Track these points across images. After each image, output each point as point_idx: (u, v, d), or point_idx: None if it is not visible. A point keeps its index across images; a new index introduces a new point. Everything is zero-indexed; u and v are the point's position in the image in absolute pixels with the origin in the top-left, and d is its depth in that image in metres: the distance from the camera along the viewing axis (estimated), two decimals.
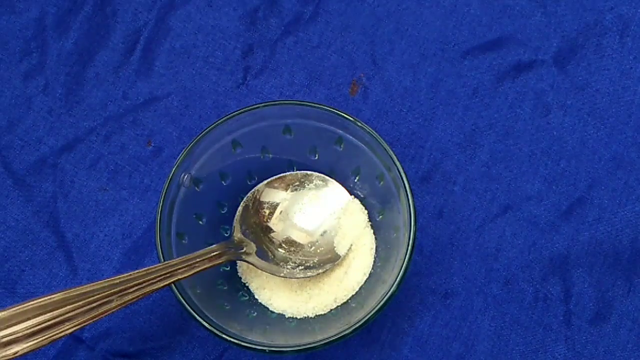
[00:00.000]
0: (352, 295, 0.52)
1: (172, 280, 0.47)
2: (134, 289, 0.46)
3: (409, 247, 0.48)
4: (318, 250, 0.53)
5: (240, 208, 0.53)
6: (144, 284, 0.46)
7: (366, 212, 0.54)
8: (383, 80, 0.58)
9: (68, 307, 0.45)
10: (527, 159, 0.57)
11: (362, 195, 0.54)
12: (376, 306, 0.47)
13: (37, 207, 0.56)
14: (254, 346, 0.47)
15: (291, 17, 0.60)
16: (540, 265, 0.55)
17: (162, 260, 0.48)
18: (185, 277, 0.47)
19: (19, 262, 0.56)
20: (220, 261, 0.50)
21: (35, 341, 0.44)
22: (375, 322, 0.53)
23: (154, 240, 0.49)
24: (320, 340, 0.47)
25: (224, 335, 0.47)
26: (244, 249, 0.52)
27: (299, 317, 0.52)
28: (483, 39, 0.59)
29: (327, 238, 0.53)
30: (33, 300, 0.45)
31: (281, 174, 0.54)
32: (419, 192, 0.56)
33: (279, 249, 0.53)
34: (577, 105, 0.58)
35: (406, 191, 0.49)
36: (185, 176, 0.51)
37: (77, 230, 0.56)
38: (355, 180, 0.54)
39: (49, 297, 0.45)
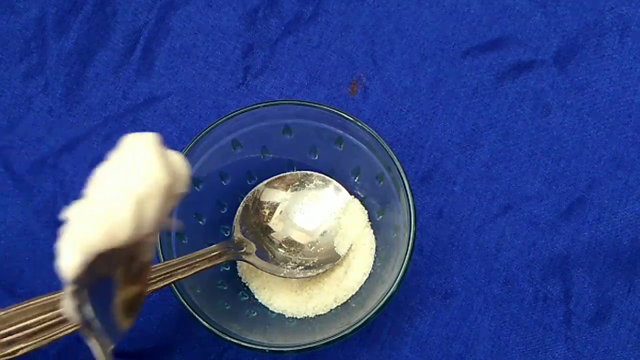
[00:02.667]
0: (352, 295, 0.52)
1: (172, 280, 0.47)
2: None
3: (409, 247, 0.48)
4: (318, 250, 0.53)
5: (240, 208, 0.53)
6: None
7: (366, 212, 0.54)
8: (383, 80, 0.58)
9: None
10: (527, 159, 0.57)
11: (362, 195, 0.54)
12: (376, 306, 0.47)
13: (37, 207, 0.56)
14: (254, 346, 0.47)
15: (291, 17, 0.60)
16: (540, 265, 0.55)
17: (162, 260, 0.48)
18: (185, 277, 0.47)
19: (19, 262, 0.56)
20: (220, 261, 0.50)
21: (35, 341, 0.44)
22: (375, 322, 0.53)
23: None
24: (320, 340, 0.47)
25: (224, 335, 0.47)
26: (244, 249, 0.52)
27: (299, 317, 0.52)
28: (483, 39, 0.59)
29: (327, 238, 0.53)
30: (33, 300, 0.45)
31: (281, 174, 0.54)
32: (419, 192, 0.56)
33: (279, 249, 0.53)
34: (577, 105, 0.58)
35: (406, 191, 0.49)
36: None
37: None
38: (355, 180, 0.54)
39: (49, 297, 0.45)
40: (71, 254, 0.34)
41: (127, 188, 0.35)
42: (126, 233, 0.35)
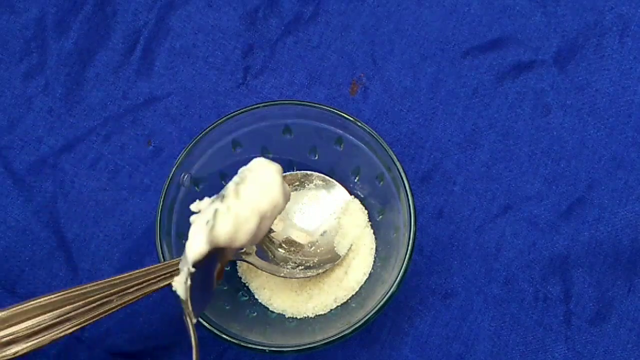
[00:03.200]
0: (352, 295, 0.52)
1: (172, 281, 0.47)
2: (134, 289, 0.46)
3: (409, 247, 0.48)
4: (318, 250, 0.53)
5: None
6: (144, 284, 0.46)
7: (366, 212, 0.54)
8: (383, 80, 0.58)
9: (68, 307, 0.45)
10: (527, 159, 0.57)
11: (362, 195, 0.54)
12: (376, 306, 0.47)
13: (37, 207, 0.56)
14: (254, 346, 0.47)
15: (291, 17, 0.60)
16: (540, 265, 0.55)
17: (162, 260, 0.48)
18: None
19: (19, 262, 0.56)
20: None
21: (35, 341, 0.44)
22: (375, 322, 0.53)
23: (154, 240, 0.49)
24: (320, 340, 0.47)
25: (224, 335, 0.47)
26: (244, 249, 0.52)
27: (299, 317, 0.52)
28: (483, 39, 0.59)
29: (327, 238, 0.53)
30: (33, 300, 0.45)
31: None
32: (419, 192, 0.56)
33: (279, 249, 0.53)
34: (577, 105, 0.58)
35: (406, 191, 0.49)
36: (185, 176, 0.51)
37: (77, 230, 0.56)
38: (355, 180, 0.54)
39: (49, 297, 0.45)
40: (201, 242, 0.41)
41: (256, 205, 0.42)
42: (244, 240, 0.43)
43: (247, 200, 0.42)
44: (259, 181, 0.43)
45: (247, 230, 0.42)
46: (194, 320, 0.43)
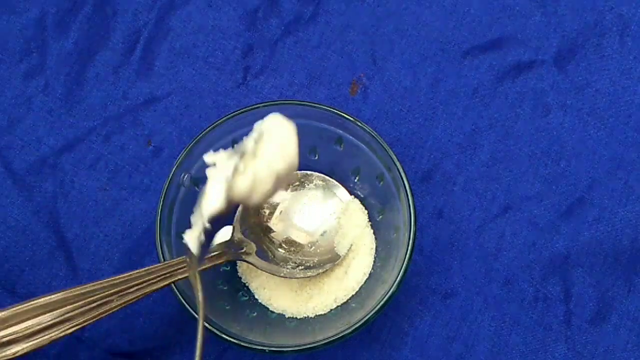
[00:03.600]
0: (352, 295, 0.52)
1: (172, 280, 0.47)
2: (134, 289, 0.46)
3: (409, 247, 0.48)
4: (318, 250, 0.53)
5: (240, 208, 0.53)
6: (144, 284, 0.46)
7: (366, 212, 0.54)
8: (383, 80, 0.58)
9: (68, 307, 0.45)
10: (527, 159, 0.57)
11: (362, 195, 0.54)
12: (376, 306, 0.48)
13: (37, 207, 0.56)
14: (254, 346, 0.47)
15: (291, 17, 0.60)
16: (540, 265, 0.55)
17: (162, 260, 0.48)
18: (185, 277, 0.47)
19: (19, 262, 0.56)
20: (220, 261, 0.50)
21: (35, 341, 0.44)
22: (375, 322, 0.53)
23: (154, 240, 0.49)
24: (320, 340, 0.47)
25: (224, 335, 0.47)
26: (244, 249, 0.52)
27: (299, 317, 0.52)
28: (483, 39, 0.59)
29: (327, 238, 0.53)
30: (33, 300, 0.45)
31: None
32: (419, 192, 0.56)
33: (279, 249, 0.53)
34: (577, 105, 0.58)
35: (406, 191, 0.49)
36: (185, 176, 0.51)
37: (77, 230, 0.56)
38: (355, 180, 0.54)
39: (49, 297, 0.45)
40: (219, 198, 0.41)
41: (274, 166, 0.42)
42: (259, 199, 0.43)
43: (265, 160, 0.42)
44: (276, 141, 0.42)
45: (263, 190, 0.42)
46: (198, 269, 0.44)
